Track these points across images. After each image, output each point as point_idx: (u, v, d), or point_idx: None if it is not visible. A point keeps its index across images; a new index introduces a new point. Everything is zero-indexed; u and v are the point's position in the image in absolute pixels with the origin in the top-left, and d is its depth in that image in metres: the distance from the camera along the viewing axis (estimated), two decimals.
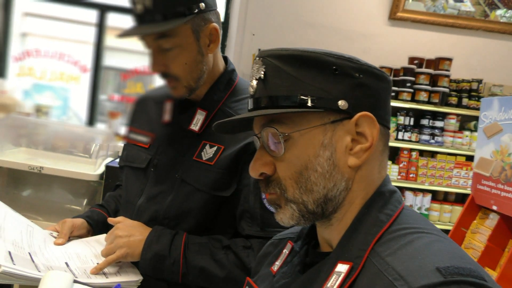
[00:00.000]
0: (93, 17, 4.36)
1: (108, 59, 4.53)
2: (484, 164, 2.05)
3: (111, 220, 1.23)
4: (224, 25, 4.38)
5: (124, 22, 4.44)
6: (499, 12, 4.28)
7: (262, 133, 0.72)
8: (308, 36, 4.20)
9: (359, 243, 0.67)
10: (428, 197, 4.03)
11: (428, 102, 3.91)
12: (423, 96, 3.87)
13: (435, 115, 4.03)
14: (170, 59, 1.16)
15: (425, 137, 3.98)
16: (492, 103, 2.01)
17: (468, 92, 3.99)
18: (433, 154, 4.08)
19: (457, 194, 4.19)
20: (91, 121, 4.38)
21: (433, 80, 3.92)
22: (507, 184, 1.88)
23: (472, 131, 4.03)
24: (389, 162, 3.98)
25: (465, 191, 4.00)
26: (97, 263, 1.13)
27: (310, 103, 0.68)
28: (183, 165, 1.23)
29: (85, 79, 4.55)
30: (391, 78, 0.95)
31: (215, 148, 1.21)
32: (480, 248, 2.00)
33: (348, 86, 0.69)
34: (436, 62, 3.94)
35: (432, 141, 3.98)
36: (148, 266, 1.16)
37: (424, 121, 4.02)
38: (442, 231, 0.68)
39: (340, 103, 0.68)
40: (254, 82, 0.73)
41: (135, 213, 1.27)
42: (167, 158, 1.26)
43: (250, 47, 4.15)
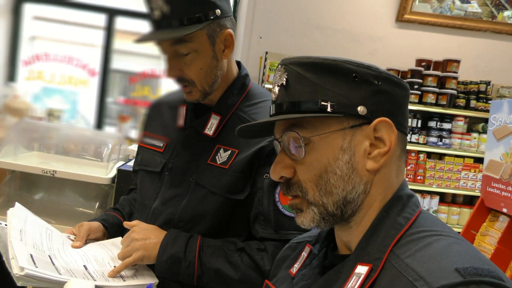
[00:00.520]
0: (102, 21, 4.40)
1: (116, 62, 4.57)
2: (494, 167, 2.05)
3: (127, 224, 1.25)
4: None
5: (132, 26, 4.48)
6: (507, 13, 4.27)
7: (283, 137, 0.74)
8: (316, 39, 4.21)
9: (378, 245, 0.68)
10: (436, 199, 4.02)
11: (436, 104, 3.91)
12: (431, 98, 3.87)
13: (443, 117, 4.03)
14: (186, 64, 1.18)
15: (433, 139, 3.97)
16: (502, 106, 2.01)
17: (476, 94, 3.99)
18: (441, 156, 4.08)
19: (465, 196, 4.17)
20: (99, 125, 4.42)
21: (441, 82, 3.92)
22: None
23: (480, 133, 4.03)
24: None
25: (473, 193, 3.99)
26: (114, 266, 1.15)
27: (330, 108, 0.70)
28: (198, 169, 1.25)
29: (94, 83, 4.59)
30: None
31: (229, 152, 1.23)
32: (490, 251, 1.99)
33: (367, 93, 0.71)
34: (444, 64, 3.94)
35: (440, 143, 3.98)
36: (164, 268, 1.17)
37: (432, 123, 4.01)
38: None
39: (359, 109, 0.70)
40: (276, 89, 0.75)
41: (150, 216, 1.29)
42: (182, 162, 1.28)
43: (257, 50, 4.17)
